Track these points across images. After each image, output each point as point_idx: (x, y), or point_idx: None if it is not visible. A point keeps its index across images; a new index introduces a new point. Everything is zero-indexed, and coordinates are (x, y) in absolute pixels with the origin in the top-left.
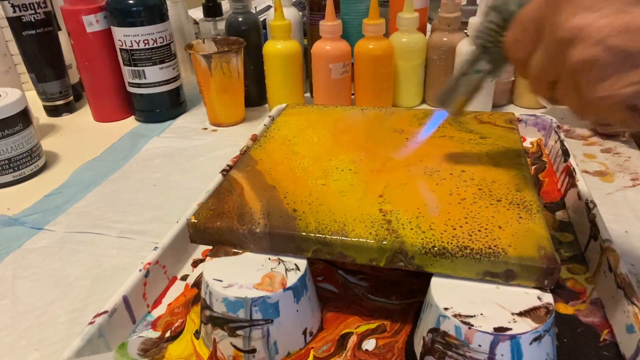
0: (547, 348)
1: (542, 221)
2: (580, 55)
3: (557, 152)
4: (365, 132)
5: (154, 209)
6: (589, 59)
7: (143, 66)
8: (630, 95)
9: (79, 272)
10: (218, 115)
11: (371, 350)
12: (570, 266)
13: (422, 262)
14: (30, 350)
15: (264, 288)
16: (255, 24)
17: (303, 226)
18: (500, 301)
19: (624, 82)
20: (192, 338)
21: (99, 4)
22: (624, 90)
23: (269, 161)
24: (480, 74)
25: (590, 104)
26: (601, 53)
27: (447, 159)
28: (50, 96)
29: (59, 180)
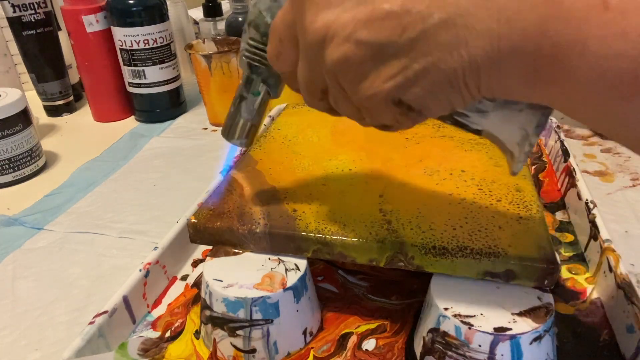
0: (547, 348)
1: (542, 221)
2: (333, 55)
3: (557, 152)
4: (365, 132)
5: (154, 209)
6: (343, 58)
7: (143, 66)
8: (391, 89)
9: (79, 272)
10: (218, 115)
11: (371, 350)
12: (570, 266)
13: (422, 262)
14: (30, 350)
15: (264, 288)
16: None
17: (303, 226)
18: (500, 301)
19: (382, 76)
20: (192, 338)
21: (99, 4)
22: (384, 85)
23: (269, 161)
24: (258, 95)
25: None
26: (352, 49)
27: (447, 159)
28: (50, 96)
29: (59, 180)
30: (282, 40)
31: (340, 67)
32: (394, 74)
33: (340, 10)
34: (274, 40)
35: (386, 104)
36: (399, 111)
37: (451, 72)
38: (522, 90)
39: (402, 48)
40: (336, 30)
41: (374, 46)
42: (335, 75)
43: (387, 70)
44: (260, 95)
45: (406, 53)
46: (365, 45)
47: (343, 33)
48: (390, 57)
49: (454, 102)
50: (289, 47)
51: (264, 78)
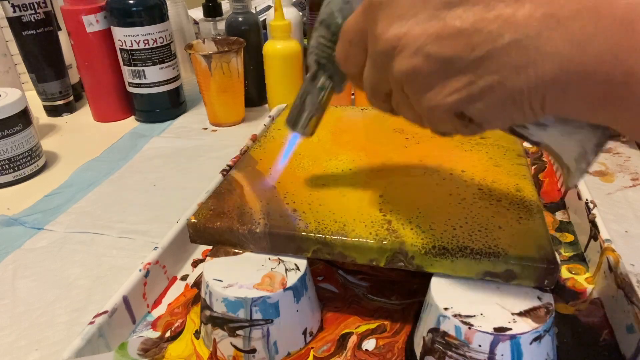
0: (547, 348)
1: (542, 221)
2: (402, 66)
3: None
4: (365, 132)
5: (154, 209)
6: (411, 70)
7: (143, 66)
8: (455, 102)
9: (79, 272)
10: (218, 115)
11: (371, 350)
12: (570, 266)
13: (422, 262)
14: (30, 350)
15: (264, 288)
16: (255, 24)
17: (303, 226)
18: (500, 301)
19: (447, 90)
20: (192, 338)
21: (99, 4)
22: (448, 98)
23: (269, 161)
24: (323, 90)
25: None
26: (421, 62)
27: (447, 159)
28: (50, 96)
29: (59, 180)
30: (352, 43)
31: (408, 78)
32: (459, 88)
33: (412, 23)
34: (344, 42)
35: (448, 115)
36: (460, 122)
37: (516, 91)
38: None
39: (470, 65)
40: (407, 42)
41: (442, 61)
42: (401, 84)
43: (452, 84)
44: (325, 90)
45: (473, 70)
46: (433, 59)
47: (413, 45)
48: (456, 72)
49: (515, 119)
50: (358, 50)
51: (330, 74)
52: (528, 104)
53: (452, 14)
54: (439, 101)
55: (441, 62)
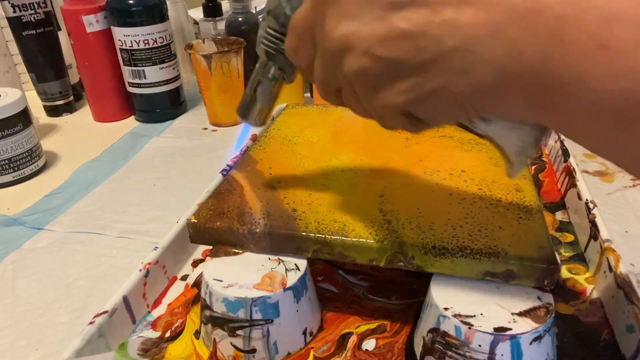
0: (547, 348)
1: (542, 221)
2: (350, 66)
3: (557, 152)
4: (365, 132)
5: (154, 209)
6: (359, 70)
7: (143, 66)
8: (402, 103)
9: (79, 272)
10: (218, 115)
11: (371, 350)
12: (570, 266)
13: (422, 262)
14: (30, 350)
15: (264, 288)
16: (255, 24)
17: (303, 226)
18: (500, 301)
19: (396, 90)
20: (192, 338)
21: (99, 4)
22: (396, 99)
23: (269, 161)
24: (273, 81)
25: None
26: (369, 63)
27: (447, 159)
28: (50, 96)
29: (59, 180)
30: (301, 37)
31: (357, 78)
32: (406, 89)
33: (359, 24)
34: (292, 35)
35: (396, 114)
36: (408, 120)
37: (459, 94)
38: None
39: (416, 67)
40: (355, 42)
41: (390, 62)
42: (351, 82)
43: (400, 85)
44: (275, 80)
45: (419, 72)
46: (381, 60)
47: (361, 46)
48: (404, 74)
49: (460, 117)
50: (307, 44)
51: (280, 65)
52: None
53: (399, 15)
54: (387, 101)
55: (389, 63)
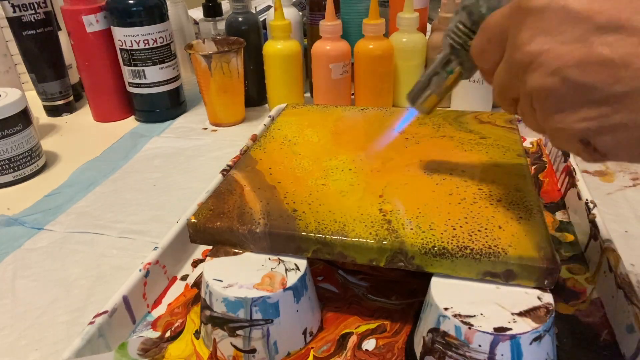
0: (547, 348)
1: (542, 221)
2: (536, 82)
3: (557, 152)
4: (365, 132)
5: (154, 209)
6: (545, 89)
7: (143, 66)
8: (583, 131)
9: (79, 272)
10: (218, 115)
11: (371, 350)
12: (570, 266)
13: (422, 262)
14: (30, 350)
15: (264, 288)
16: (255, 24)
17: (303, 226)
18: (500, 301)
19: (578, 116)
20: (192, 338)
21: (99, 4)
22: (577, 125)
23: (269, 161)
24: (451, 74)
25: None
26: (557, 84)
27: (447, 158)
28: (50, 96)
29: (59, 180)
30: (491, 40)
31: (539, 95)
32: (591, 117)
33: (556, 41)
34: (482, 36)
35: (573, 139)
36: (584, 148)
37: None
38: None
39: (608, 97)
40: (547, 59)
41: (580, 87)
42: (531, 98)
43: (585, 112)
44: (453, 74)
45: (610, 103)
46: (571, 83)
47: (552, 65)
48: (592, 102)
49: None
50: (495, 49)
51: (461, 61)
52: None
53: (603, 40)
54: (567, 125)
55: (578, 88)
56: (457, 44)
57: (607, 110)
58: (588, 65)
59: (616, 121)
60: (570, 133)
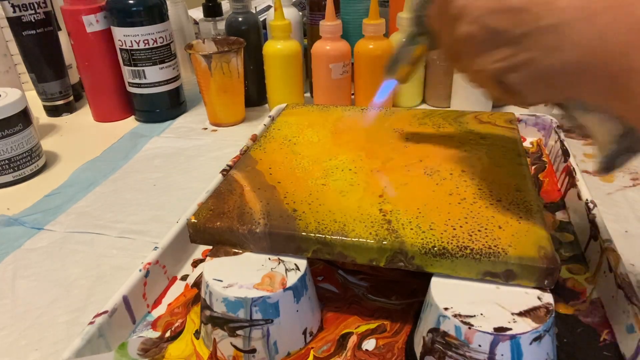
0: (547, 348)
1: (542, 221)
2: (461, 30)
3: (557, 152)
4: (365, 132)
5: (154, 209)
6: (467, 35)
7: (143, 66)
8: (496, 70)
9: (79, 272)
10: (218, 115)
11: (371, 350)
12: (570, 266)
13: (422, 262)
14: (30, 350)
15: (264, 288)
16: (255, 24)
17: (303, 226)
18: (500, 301)
19: (492, 58)
20: (192, 338)
21: (99, 4)
22: (491, 66)
23: (269, 161)
24: (416, 44)
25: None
26: (475, 30)
27: (447, 159)
28: (50, 96)
29: (59, 180)
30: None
31: (463, 41)
32: (502, 58)
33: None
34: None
35: (491, 81)
36: (500, 88)
37: (545, 70)
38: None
39: (513, 39)
40: (470, 10)
41: (492, 32)
42: (458, 44)
43: (496, 54)
44: (417, 44)
45: (515, 44)
46: (486, 29)
47: (473, 14)
48: (502, 44)
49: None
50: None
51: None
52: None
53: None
54: (484, 67)
55: (491, 32)
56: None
57: (513, 51)
58: (499, 12)
59: (520, 59)
60: (487, 74)
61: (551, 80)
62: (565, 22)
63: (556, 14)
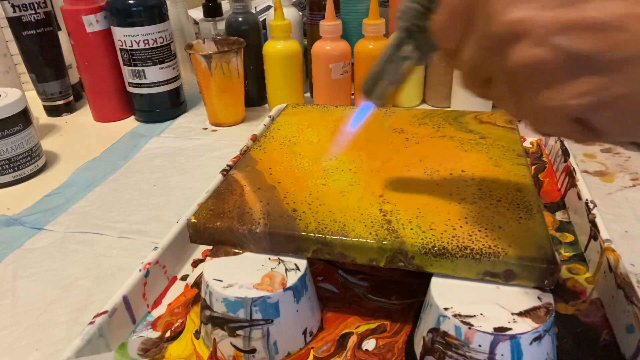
0: (547, 348)
1: (542, 221)
2: (521, 56)
3: (557, 152)
4: (365, 132)
5: (154, 209)
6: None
7: (143, 66)
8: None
9: (79, 272)
10: (218, 115)
11: (371, 350)
12: (570, 266)
13: (422, 262)
14: (30, 350)
15: (264, 288)
16: (255, 24)
17: (303, 226)
18: (500, 301)
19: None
20: (192, 338)
21: (99, 4)
22: (572, 101)
23: (269, 161)
24: (407, 60)
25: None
26: (547, 54)
27: (447, 159)
28: (50, 96)
29: (59, 180)
30: (455, 15)
31: (526, 71)
32: (589, 91)
33: (539, 6)
34: (445, 11)
35: (566, 119)
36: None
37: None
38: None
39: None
40: (531, 28)
41: (574, 56)
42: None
43: (580, 86)
44: (410, 60)
45: (609, 72)
46: (564, 52)
47: (538, 33)
48: (588, 72)
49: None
50: (461, 25)
51: (418, 44)
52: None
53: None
54: (559, 102)
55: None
56: (414, 25)
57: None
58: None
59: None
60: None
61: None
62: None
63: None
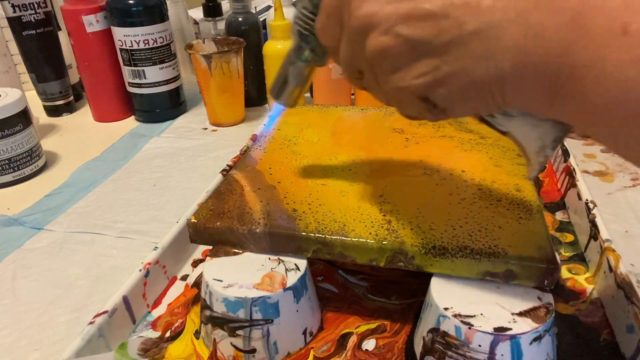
0: (547, 348)
1: (542, 221)
2: (374, 44)
3: (557, 152)
4: (365, 132)
5: (154, 209)
6: (380, 48)
7: (143, 66)
8: (420, 86)
9: (79, 272)
10: (218, 115)
11: (371, 350)
12: (570, 266)
13: (422, 262)
14: (30, 350)
15: (264, 288)
16: (255, 24)
17: (303, 226)
18: (500, 301)
19: (413, 72)
20: (192, 338)
21: (99, 4)
22: (414, 81)
23: (269, 161)
24: (306, 62)
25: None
26: (390, 42)
27: (447, 159)
28: (50, 96)
29: (59, 180)
30: (330, 16)
31: (377, 57)
32: (425, 72)
33: (384, 2)
34: (322, 14)
35: (413, 98)
36: (424, 106)
37: (478, 81)
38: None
39: (436, 49)
40: (379, 21)
41: (411, 42)
42: (371, 62)
43: (419, 67)
44: (307, 62)
45: (439, 54)
46: (402, 39)
47: (384, 25)
48: (423, 55)
49: (478, 108)
50: (334, 24)
51: (312, 47)
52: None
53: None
54: (405, 83)
55: (410, 43)
56: (305, 29)
57: (437, 62)
58: (415, 19)
59: (446, 71)
60: (410, 91)
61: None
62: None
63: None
